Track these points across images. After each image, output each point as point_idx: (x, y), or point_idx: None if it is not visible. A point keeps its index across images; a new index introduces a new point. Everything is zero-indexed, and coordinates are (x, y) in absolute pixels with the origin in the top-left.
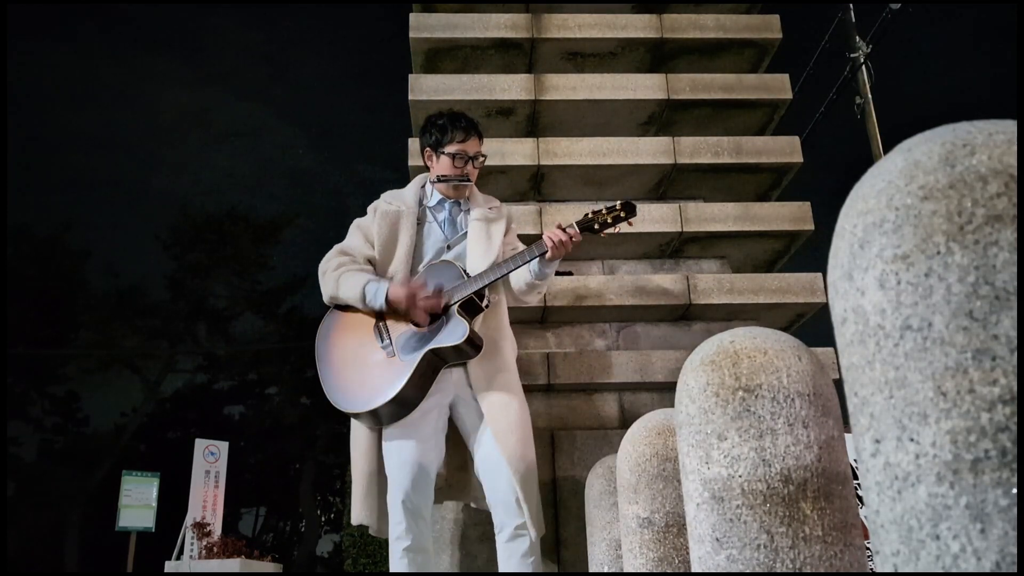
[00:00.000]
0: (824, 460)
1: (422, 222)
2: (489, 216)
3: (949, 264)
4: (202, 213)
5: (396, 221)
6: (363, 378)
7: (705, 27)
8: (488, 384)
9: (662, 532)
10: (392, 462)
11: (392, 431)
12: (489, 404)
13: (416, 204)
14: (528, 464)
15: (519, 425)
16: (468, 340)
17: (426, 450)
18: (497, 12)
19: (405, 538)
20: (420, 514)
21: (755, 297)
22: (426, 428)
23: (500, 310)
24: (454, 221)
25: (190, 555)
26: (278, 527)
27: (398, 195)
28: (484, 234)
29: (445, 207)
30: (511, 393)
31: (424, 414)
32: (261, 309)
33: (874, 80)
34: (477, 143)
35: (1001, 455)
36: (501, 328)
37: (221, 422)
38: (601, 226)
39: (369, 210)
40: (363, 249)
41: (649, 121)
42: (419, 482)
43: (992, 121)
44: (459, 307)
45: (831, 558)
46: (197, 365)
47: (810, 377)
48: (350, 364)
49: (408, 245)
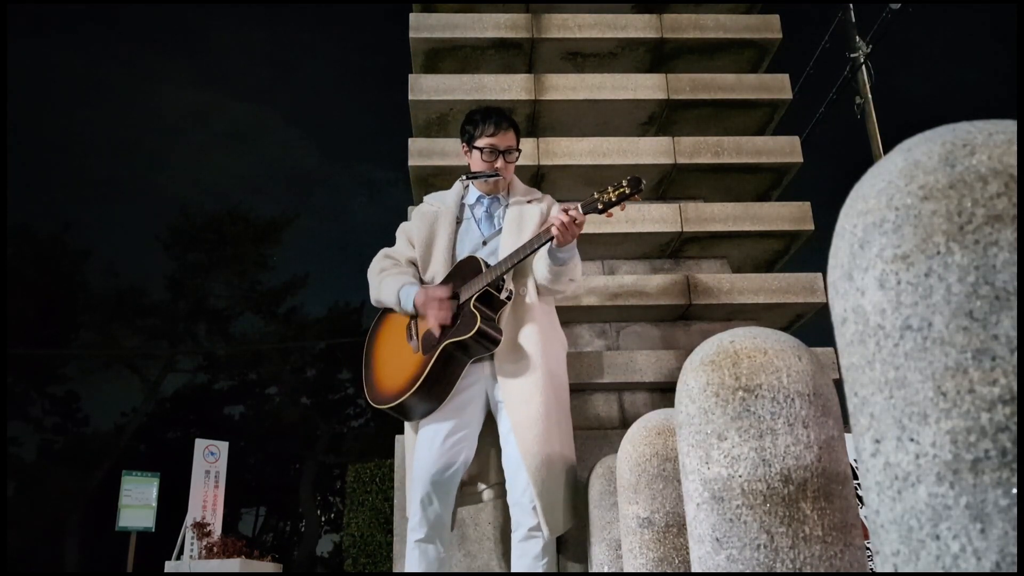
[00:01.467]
0: (824, 460)
1: (460, 221)
2: (524, 207)
3: (949, 264)
4: (202, 213)
5: (434, 222)
6: (392, 374)
7: (705, 27)
8: (510, 376)
9: (662, 532)
10: (418, 455)
11: (422, 426)
12: (509, 399)
13: (456, 204)
14: (547, 461)
15: (539, 420)
16: (479, 332)
17: (453, 446)
18: (497, 12)
19: (419, 530)
20: (438, 509)
21: (755, 297)
22: (457, 424)
23: (527, 302)
24: (492, 217)
25: (190, 555)
26: (278, 527)
27: (439, 196)
28: (516, 226)
29: (483, 203)
30: (534, 385)
31: (457, 409)
32: (261, 309)
33: (874, 80)
34: (510, 137)
35: (1001, 455)
36: (529, 320)
37: (221, 422)
38: (606, 205)
39: (412, 213)
40: (406, 252)
41: (649, 121)
42: (440, 479)
43: (992, 121)
44: (476, 301)
45: (831, 558)
46: (197, 365)
47: (810, 377)
48: (385, 362)
49: (446, 245)
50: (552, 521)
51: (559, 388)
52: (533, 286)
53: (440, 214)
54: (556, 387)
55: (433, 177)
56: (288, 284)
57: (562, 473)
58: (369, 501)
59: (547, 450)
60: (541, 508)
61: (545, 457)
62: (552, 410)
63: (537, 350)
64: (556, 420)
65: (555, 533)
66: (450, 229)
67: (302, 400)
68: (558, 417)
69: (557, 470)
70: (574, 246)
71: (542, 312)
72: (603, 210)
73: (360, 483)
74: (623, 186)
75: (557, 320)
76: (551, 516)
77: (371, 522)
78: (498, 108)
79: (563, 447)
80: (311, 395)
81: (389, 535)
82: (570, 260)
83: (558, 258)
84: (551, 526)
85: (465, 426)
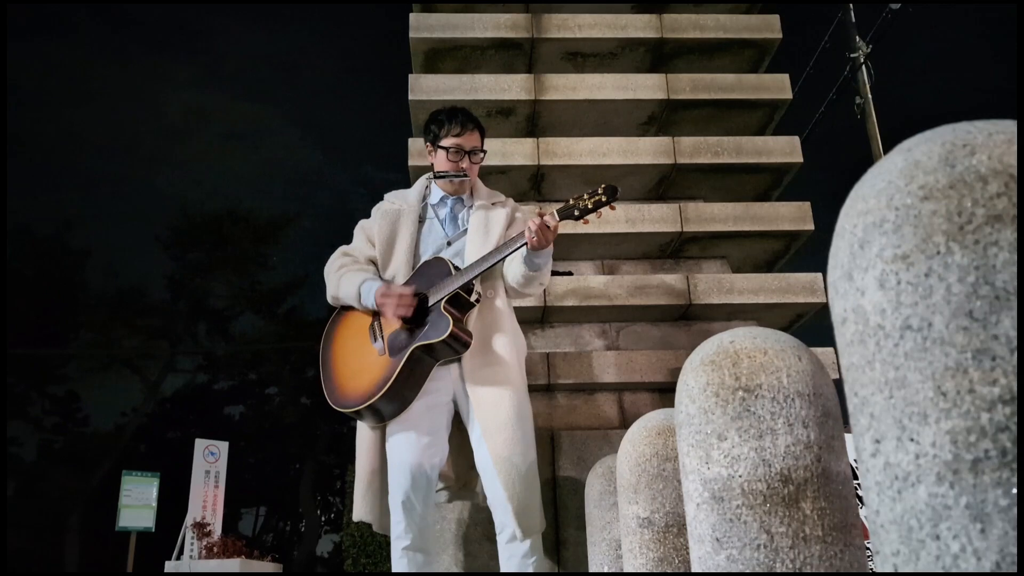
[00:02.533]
0: (824, 460)
1: (423, 220)
2: (489, 210)
3: (949, 264)
4: (202, 213)
5: (396, 220)
6: (356, 376)
7: (705, 27)
8: (480, 380)
9: (662, 532)
10: (393, 461)
11: (393, 430)
12: (479, 401)
13: (418, 202)
14: (517, 463)
15: (509, 423)
16: (451, 336)
17: (426, 449)
18: (497, 12)
19: (404, 537)
20: (420, 513)
21: (755, 297)
22: (427, 426)
23: (495, 305)
24: (456, 218)
25: (190, 555)
26: (278, 527)
27: (401, 194)
28: (483, 228)
29: (447, 204)
30: (503, 388)
31: (425, 412)
32: (261, 309)
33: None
34: (476, 138)
35: (1001, 455)
36: (498, 323)
37: (221, 422)
38: (582, 212)
39: (373, 211)
40: (365, 250)
41: (649, 121)
42: (419, 481)
43: (992, 121)
44: (445, 303)
45: (831, 558)
46: (197, 365)
47: (810, 377)
48: (345, 363)
49: (408, 243)
50: (526, 523)
51: (523, 391)
52: (502, 289)
53: (402, 212)
54: (521, 391)
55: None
56: (288, 284)
57: (533, 476)
58: None
59: (518, 453)
60: (514, 511)
61: (517, 461)
62: (521, 414)
63: (506, 353)
64: (523, 423)
65: (529, 535)
66: (412, 228)
67: (302, 400)
68: (524, 420)
69: (527, 473)
70: (549, 251)
71: (508, 315)
72: (579, 217)
73: None
74: (599, 193)
75: (517, 323)
76: (524, 518)
77: None
78: (464, 108)
79: (529, 449)
80: (311, 395)
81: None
82: (545, 265)
83: (534, 263)
84: (524, 528)
85: (436, 429)
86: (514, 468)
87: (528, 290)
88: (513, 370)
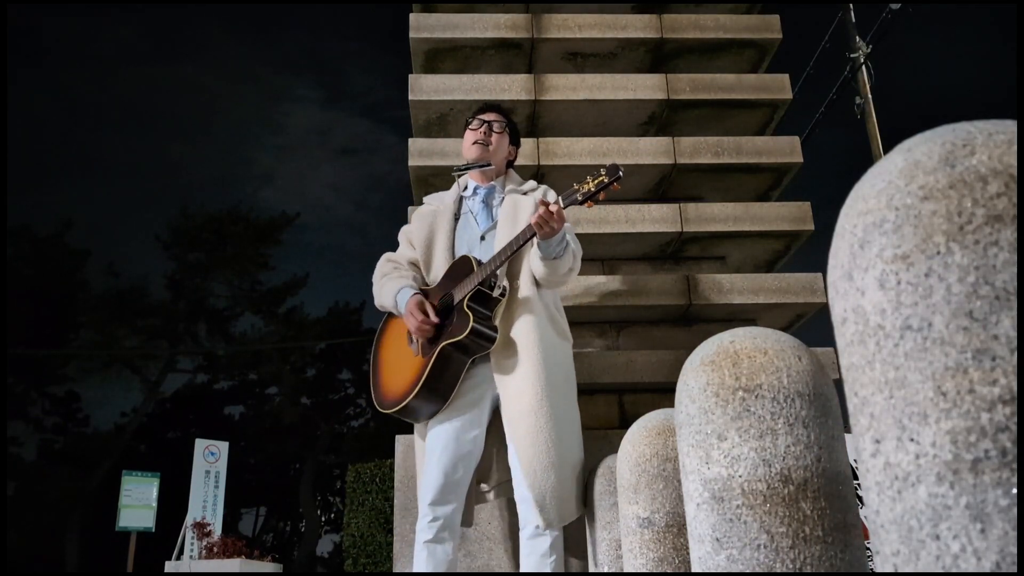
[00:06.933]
0: (824, 460)
1: (459, 217)
2: (519, 199)
3: (949, 264)
4: (202, 213)
5: (434, 221)
6: (394, 378)
7: (705, 27)
8: (504, 371)
9: (662, 532)
10: (428, 457)
11: (430, 425)
12: (504, 393)
13: (454, 201)
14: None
15: (530, 413)
16: (473, 332)
17: (462, 447)
18: (497, 12)
19: (427, 531)
20: (448, 510)
21: (755, 297)
22: (464, 424)
23: (521, 297)
24: (489, 208)
25: (190, 555)
26: (278, 527)
27: (438, 196)
28: (511, 220)
29: (480, 194)
30: (526, 377)
31: (465, 410)
32: (261, 309)
33: (874, 80)
34: (496, 116)
35: (1001, 455)
36: (523, 315)
37: (221, 422)
38: (585, 196)
39: (412, 215)
40: (407, 253)
41: (649, 121)
42: (449, 479)
43: (992, 121)
44: (468, 300)
45: (831, 558)
46: (197, 365)
47: (810, 377)
48: (388, 367)
49: (445, 243)
50: (547, 514)
51: (559, 379)
52: (529, 280)
53: (439, 213)
54: (554, 378)
55: (433, 177)
56: (288, 284)
57: (561, 466)
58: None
59: (541, 442)
60: (534, 500)
61: (539, 450)
62: (547, 402)
63: (528, 342)
64: (552, 412)
65: (551, 526)
66: (448, 227)
67: (302, 400)
68: (555, 408)
69: (554, 462)
70: (563, 238)
71: (540, 305)
72: (583, 200)
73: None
74: (602, 175)
75: (559, 311)
76: (546, 509)
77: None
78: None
79: (561, 438)
80: (311, 395)
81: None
82: (563, 253)
83: (546, 252)
84: (546, 519)
85: (473, 427)
86: (536, 457)
87: (554, 280)
88: (539, 358)
